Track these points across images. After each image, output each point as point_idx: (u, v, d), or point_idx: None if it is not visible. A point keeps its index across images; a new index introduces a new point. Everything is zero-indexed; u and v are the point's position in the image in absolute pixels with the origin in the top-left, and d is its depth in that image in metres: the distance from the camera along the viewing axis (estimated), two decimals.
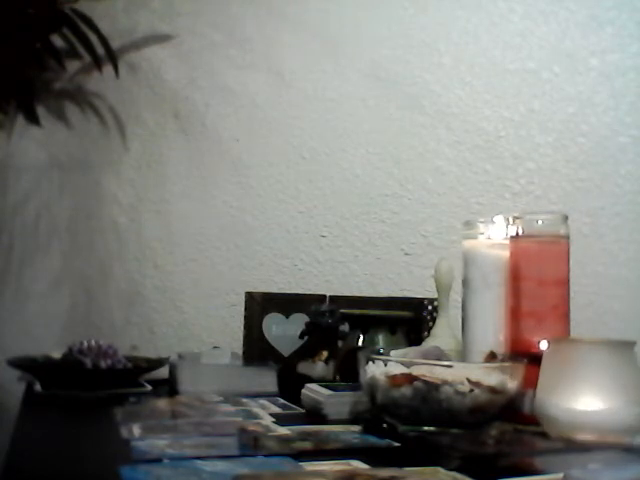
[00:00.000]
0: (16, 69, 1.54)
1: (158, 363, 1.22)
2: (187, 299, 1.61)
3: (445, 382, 0.80)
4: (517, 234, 0.95)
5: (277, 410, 1.00)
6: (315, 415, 0.96)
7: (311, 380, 1.10)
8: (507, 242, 0.96)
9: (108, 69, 1.59)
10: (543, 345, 0.87)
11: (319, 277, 1.61)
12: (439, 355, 0.91)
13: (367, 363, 0.87)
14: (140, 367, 1.20)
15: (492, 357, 0.91)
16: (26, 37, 1.53)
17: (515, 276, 0.94)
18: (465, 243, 1.02)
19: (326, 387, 1.00)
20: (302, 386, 1.03)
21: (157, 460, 0.69)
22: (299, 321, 1.26)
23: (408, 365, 0.83)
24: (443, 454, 0.71)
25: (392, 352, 0.93)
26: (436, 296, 1.15)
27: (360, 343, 1.12)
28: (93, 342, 1.16)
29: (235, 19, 1.66)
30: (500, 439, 0.77)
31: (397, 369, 0.83)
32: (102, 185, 1.64)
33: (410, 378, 0.81)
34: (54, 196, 1.63)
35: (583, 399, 0.78)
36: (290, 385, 1.11)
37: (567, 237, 0.94)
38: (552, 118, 1.62)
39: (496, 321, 0.96)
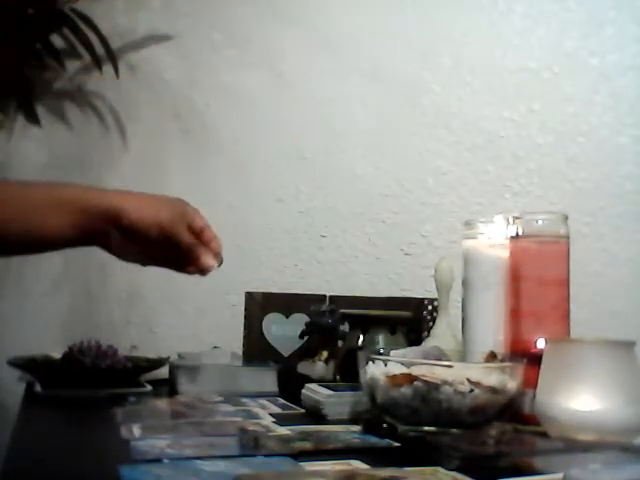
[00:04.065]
0: (16, 69, 1.54)
1: (158, 363, 1.22)
2: (187, 299, 1.61)
3: (445, 382, 0.80)
4: (517, 234, 0.95)
5: (277, 410, 1.00)
6: (315, 415, 0.96)
7: (311, 380, 1.10)
8: (507, 242, 0.96)
9: (108, 69, 1.59)
10: (541, 344, 0.87)
11: (319, 277, 1.61)
12: (439, 355, 0.91)
13: (367, 363, 0.87)
14: (140, 367, 1.20)
15: (492, 357, 0.90)
16: (26, 37, 1.53)
17: (515, 276, 0.94)
18: (465, 243, 1.02)
19: (326, 387, 1.00)
20: (302, 386, 1.03)
21: (157, 460, 0.69)
22: (299, 321, 1.26)
23: (408, 365, 0.83)
24: (443, 454, 0.71)
25: (392, 352, 0.93)
26: (436, 296, 1.15)
27: (360, 343, 1.12)
28: (93, 342, 1.16)
29: (235, 19, 1.66)
30: (500, 439, 0.77)
31: (397, 369, 0.83)
32: (102, 185, 1.63)
33: (410, 378, 0.81)
34: None
35: (583, 399, 0.78)
36: (290, 385, 1.11)
37: (567, 237, 0.94)
38: (552, 118, 1.62)
39: (496, 321, 0.96)
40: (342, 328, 1.19)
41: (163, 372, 1.22)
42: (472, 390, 0.80)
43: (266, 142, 1.65)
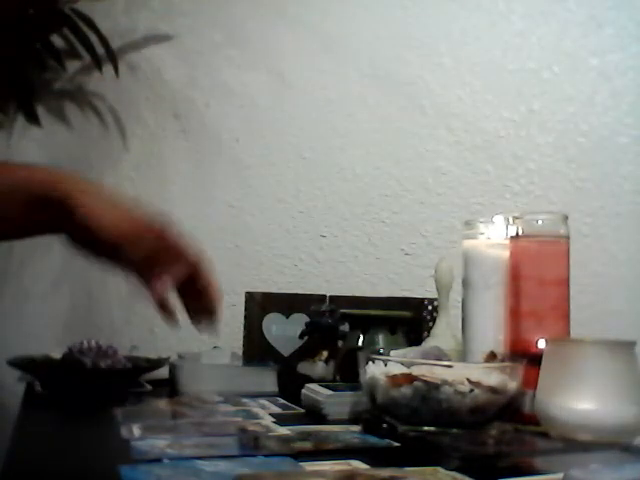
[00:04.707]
0: (16, 69, 1.54)
1: (158, 363, 1.22)
2: None
3: (445, 382, 0.80)
4: (517, 234, 0.95)
5: (277, 410, 1.00)
6: (315, 415, 0.96)
7: (311, 380, 1.10)
8: (507, 242, 0.96)
9: (108, 69, 1.58)
10: (542, 344, 0.87)
11: (319, 277, 1.61)
12: (439, 355, 0.91)
13: (367, 363, 0.87)
14: (140, 367, 1.20)
15: (492, 357, 0.91)
16: (26, 37, 1.53)
17: (515, 276, 0.94)
18: (465, 243, 1.02)
19: (326, 387, 1.00)
20: (302, 386, 1.03)
21: (157, 460, 0.69)
22: (299, 321, 1.26)
23: (408, 365, 0.83)
24: (443, 454, 0.71)
25: (392, 352, 0.93)
26: (436, 296, 1.15)
27: (360, 343, 1.12)
28: (93, 342, 1.16)
29: (235, 19, 1.66)
30: (500, 439, 0.77)
31: (397, 369, 0.83)
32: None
33: (410, 378, 0.81)
34: None
35: (583, 399, 0.78)
36: (290, 385, 1.11)
37: (567, 237, 0.94)
38: (552, 118, 1.62)
39: (496, 321, 0.96)
40: (342, 328, 1.19)
41: (163, 372, 1.21)
42: (472, 390, 0.80)
43: (266, 142, 1.65)
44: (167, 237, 0.67)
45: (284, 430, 0.84)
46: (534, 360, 0.85)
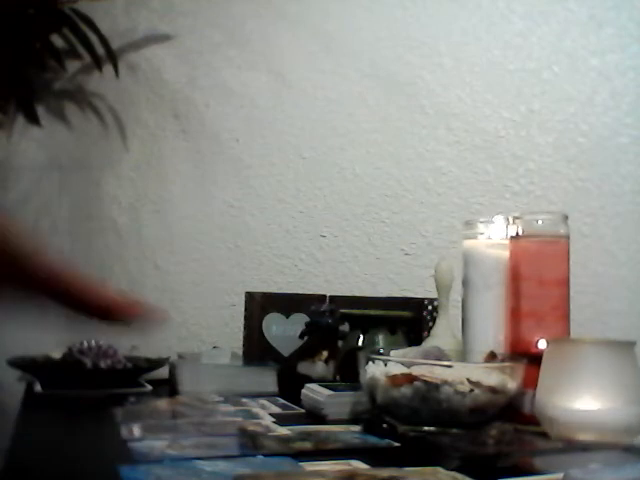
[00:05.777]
0: (16, 69, 1.54)
1: (158, 363, 1.22)
2: (187, 299, 1.61)
3: (445, 382, 0.80)
4: (517, 234, 0.95)
5: (277, 410, 1.00)
6: (315, 415, 0.96)
7: (311, 380, 1.10)
8: (507, 242, 0.96)
9: (108, 69, 1.59)
10: (542, 344, 0.87)
11: (319, 277, 1.61)
12: (439, 355, 0.91)
13: (367, 363, 0.87)
14: (140, 367, 1.20)
15: (492, 357, 0.90)
16: (26, 37, 1.53)
17: (515, 276, 0.94)
18: (465, 243, 1.02)
19: (326, 387, 1.00)
20: (302, 386, 1.03)
21: (157, 460, 0.69)
22: (299, 321, 1.26)
23: (408, 365, 0.83)
24: (443, 454, 0.71)
25: (392, 352, 0.93)
26: (436, 296, 1.15)
27: (360, 343, 1.12)
28: (93, 342, 1.16)
29: (235, 19, 1.66)
30: (500, 439, 0.77)
31: (397, 369, 0.83)
32: (102, 185, 1.64)
33: (410, 378, 0.81)
34: (54, 196, 1.63)
35: (583, 399, 0.78)
36: (290, 385, 1.11)
37: (567, 237, 0.94)
38: (552, 118, 1.62)
39: (496, 321, 0.96)
40: (342, 328, 1.19)
41: (163, 372, 1.21)
42: (472, 390, 0.80)
43: (266, 142, 1.65)
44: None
45: (284, 430, 0.84)
46: (534, 360, 0.85)
